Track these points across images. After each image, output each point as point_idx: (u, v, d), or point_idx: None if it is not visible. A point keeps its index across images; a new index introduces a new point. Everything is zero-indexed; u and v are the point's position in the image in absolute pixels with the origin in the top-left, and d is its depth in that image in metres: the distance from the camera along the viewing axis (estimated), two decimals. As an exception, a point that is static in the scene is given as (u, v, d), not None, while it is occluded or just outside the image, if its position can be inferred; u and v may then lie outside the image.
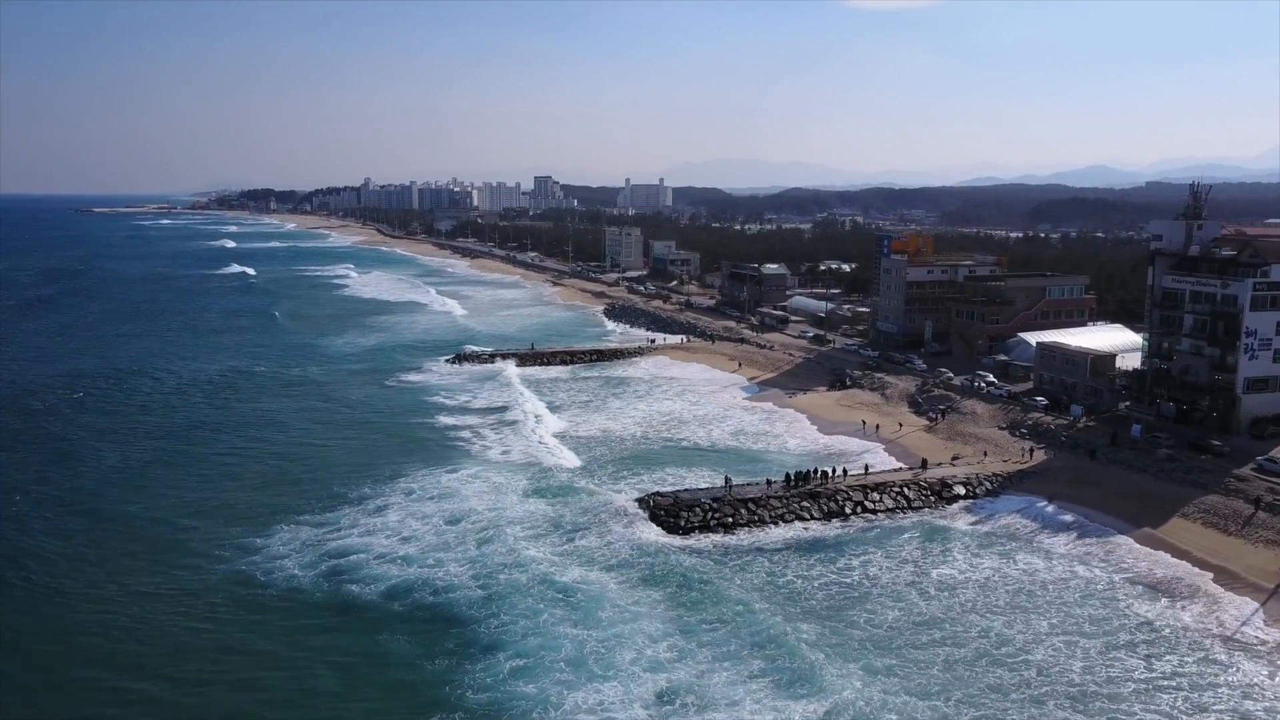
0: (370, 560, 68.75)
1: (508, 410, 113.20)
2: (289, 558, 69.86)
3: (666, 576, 66.53)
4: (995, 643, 57.87)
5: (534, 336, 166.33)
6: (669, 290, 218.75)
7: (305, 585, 65.44)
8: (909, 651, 56.60)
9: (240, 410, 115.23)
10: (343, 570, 67.34)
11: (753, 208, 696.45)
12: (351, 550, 70.73)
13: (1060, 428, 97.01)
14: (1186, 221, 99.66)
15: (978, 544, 74.01)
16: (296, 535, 74.21)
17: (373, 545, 71.50)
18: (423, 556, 69.34)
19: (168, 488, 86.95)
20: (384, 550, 70.53)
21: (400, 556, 69.27)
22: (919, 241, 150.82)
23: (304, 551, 70.91)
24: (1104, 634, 59.51)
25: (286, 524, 76.43)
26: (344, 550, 70.79)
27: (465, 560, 68.66)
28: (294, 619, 61.38)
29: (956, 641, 58.03)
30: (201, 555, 71.19)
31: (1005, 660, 55.81)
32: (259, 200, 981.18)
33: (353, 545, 71.71)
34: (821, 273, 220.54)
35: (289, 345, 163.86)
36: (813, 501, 79.28)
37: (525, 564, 67.64)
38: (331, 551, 70.71)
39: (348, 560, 68.95)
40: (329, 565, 68.14)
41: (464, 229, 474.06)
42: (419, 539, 72.68)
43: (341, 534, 74.26)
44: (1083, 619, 61.67)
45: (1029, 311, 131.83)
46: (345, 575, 66.55)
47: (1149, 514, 76.91)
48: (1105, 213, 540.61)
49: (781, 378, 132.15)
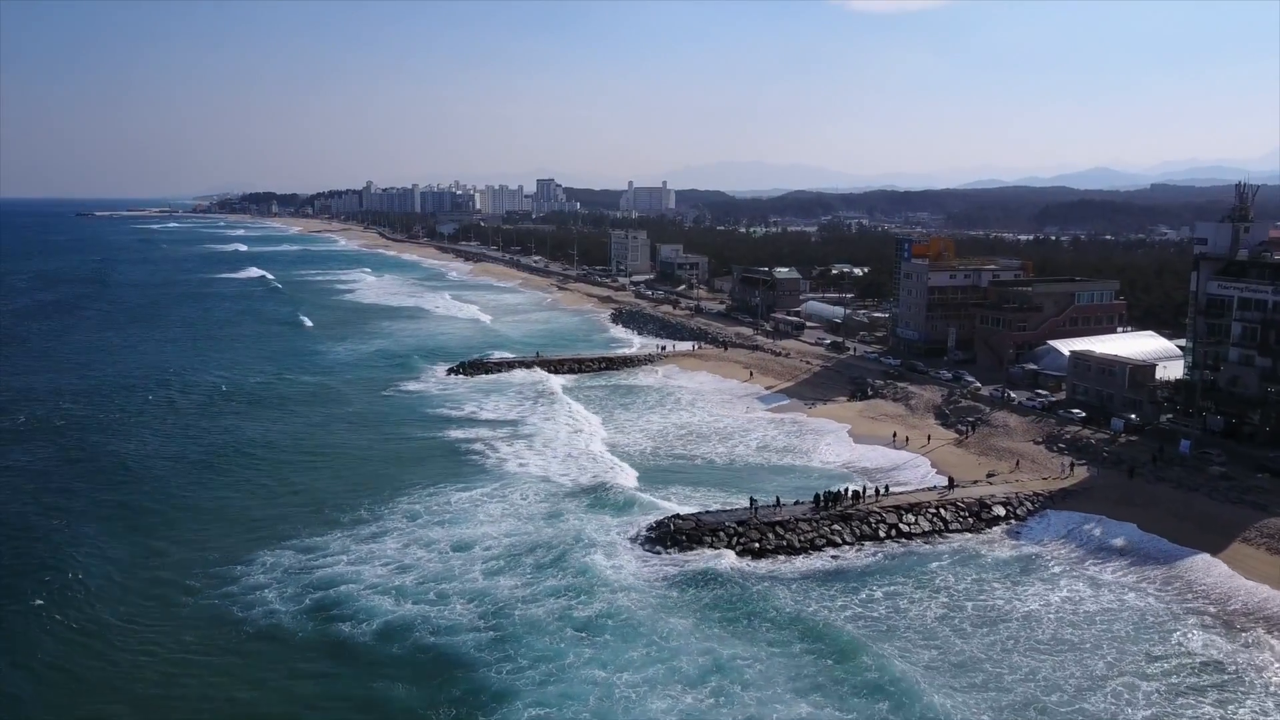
0: (360, 592, 62.91)
1: (519, 424, 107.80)
2: (269, 588, 64.04)
3: (694, 608, 61.14)
4: (1044, 687, 52.30)
5: (540, 343, 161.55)
6: (677, 295, 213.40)
7: (288, 622, 59.55)
8: (944, 699, 50.72)
9: (237, 424, 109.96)
10: (332, 604, 61.49)
11: (756, 210, 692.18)
12: (341, 580, 64.92)
13: (1101, 442, 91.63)
14: (1233, 224, 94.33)
15: (1020, 571, 68.63)
16: (279, 562, 68.28)
17: (364, 575, 65.48)
18: (421, 589, 63.57)
19: (148, 505, 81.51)
20: (377, 580, 64.68)
21: (394, 588, 63.56)
22: (940, 245, 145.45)
23: (286, 581, 65.06)
24: (1166, 675, 54.11)
25: (270, 548, 70.56)
26: (331, 580, 64.98)
27: (472, 594, 62.94)
28: (274, 663, 55.42)
29: (1000, 686, 52.47)
30: (170, 584, 65.26)
31: (1058, 710, 50.21)
32: (261, 204, 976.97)
33: (343, 574, 65.79)
34: (834, 277, 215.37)
35: (295, 351, 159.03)
36: (844, 524, 73.90)
37: (540, 597, 62.08)
38: (318, 582, 64.83)
39: (337, 592, 63.15)
40: (316, 598, 62.33)
41: (467, 232, 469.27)
42: (419, 568, 67.00)
43: (331, 561, 68.38)
44: (1141, 657, 56.28)
45: (1057, 318, 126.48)
46: (335, 610, 60.68)
47: (1206, 538, 71.44)
48: (1112, 215, 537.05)
49: (799, 387, 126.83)
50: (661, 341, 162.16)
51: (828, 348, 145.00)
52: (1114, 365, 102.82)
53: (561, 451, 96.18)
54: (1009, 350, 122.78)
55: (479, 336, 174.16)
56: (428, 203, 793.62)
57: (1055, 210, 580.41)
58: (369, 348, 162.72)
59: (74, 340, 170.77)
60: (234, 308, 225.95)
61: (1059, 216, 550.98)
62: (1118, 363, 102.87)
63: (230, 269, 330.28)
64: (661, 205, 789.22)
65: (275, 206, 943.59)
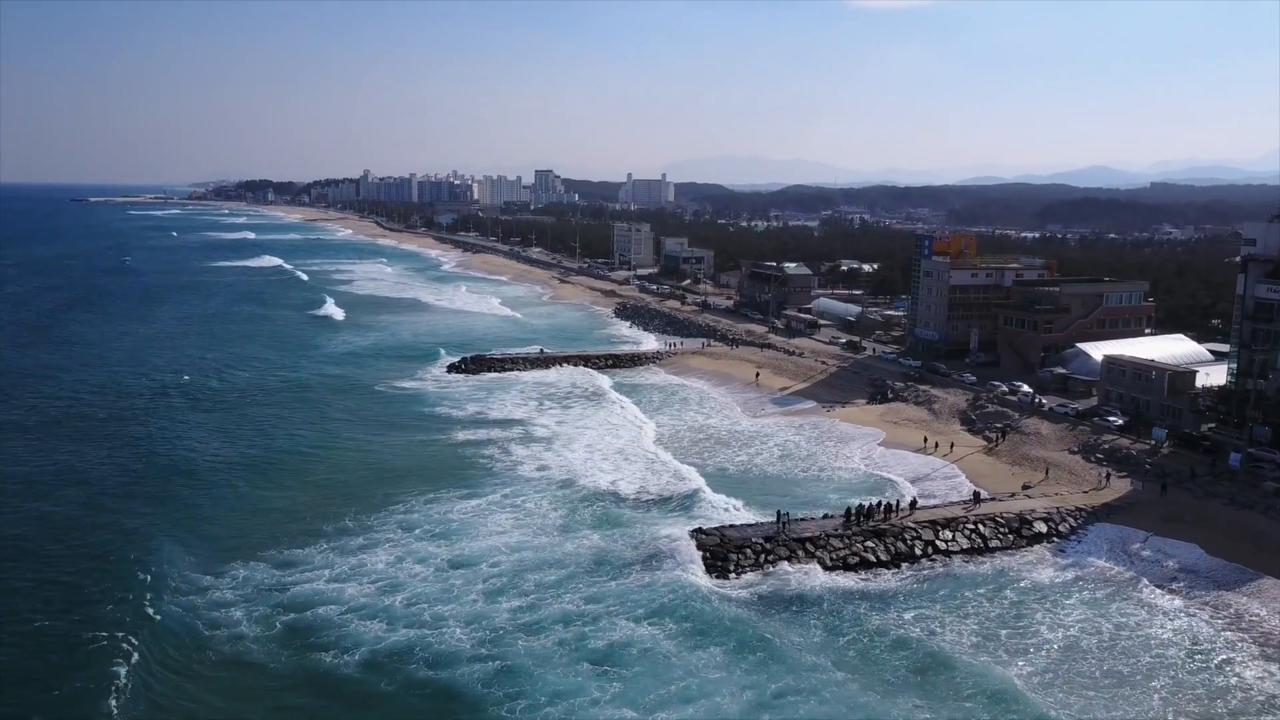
0: (342, 615, 57.07)
1: (523, 424, 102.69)
2: (237, 607, 58.31)
3: (722, 633, 55.91)
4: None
5: (543, 338, 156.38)
6: (684, 290, 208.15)
7: (258, 649, 53.57)
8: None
9: (217, 419, 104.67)
10: (311, 628, 55.69)
11: (756, 204, 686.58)
12: (321, 600, 59.21)
13: (1142, 453, 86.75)
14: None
15: (1063, 593, 63.64)
16: (251, 577, 62.54)
17: (351, 596, 59.77)
18: (413, 611, 57.95)
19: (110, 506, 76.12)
20: (365, 603, 58.87)
21: (383, 609, 57.97)
22: (962, 242, 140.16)
23: (257, 600, 59.33)
24: (1232, 715, 49.49)
25: (242, 561, 64.76)
26: (310, 600, 59.22)
27: (473, 617, 57.27)
28: (241, 697, 49.35)
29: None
30: (127, 599, 59.16)
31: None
32: (256, 191, 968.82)
33: (324, 593, 60.17)
34: (842, 273, 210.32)
35: (306, 343, 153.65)
36: (878, 541, 68.86)
37: (551, 622, 56.67)
38: (294, 602, 58.98)
39: (315, 614, 57.32)
40: (290, 620, 56.67)
41: (465, 223, 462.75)
42: (409, 587, 61.28)
43: (312, 576, 62.64)
44: (1201, 692, 51.63)
45: (1084, 320, 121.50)
46: (315, 636, 54.79)
47: (1267, 560, 66.72)
48: (1115, 213, 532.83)
49: (816, 388, 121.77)
50: (668, 338, 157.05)
51: (843, 347, 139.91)
52: (1151, 370, 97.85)
53: (575, 455, 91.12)
54: (1037, 353, 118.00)
55: (480, 330, 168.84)
56: (425, 192, 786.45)
57: (1057, 208, 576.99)
58: (364, 340, 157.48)
59: (90, 330, 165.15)
60: (265, 295, 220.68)
61: (1061, 214, 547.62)
62: (1156, 368, 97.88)
63: (244, 256, 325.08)
64: (660, 198, 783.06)
65: (271, 194, 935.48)
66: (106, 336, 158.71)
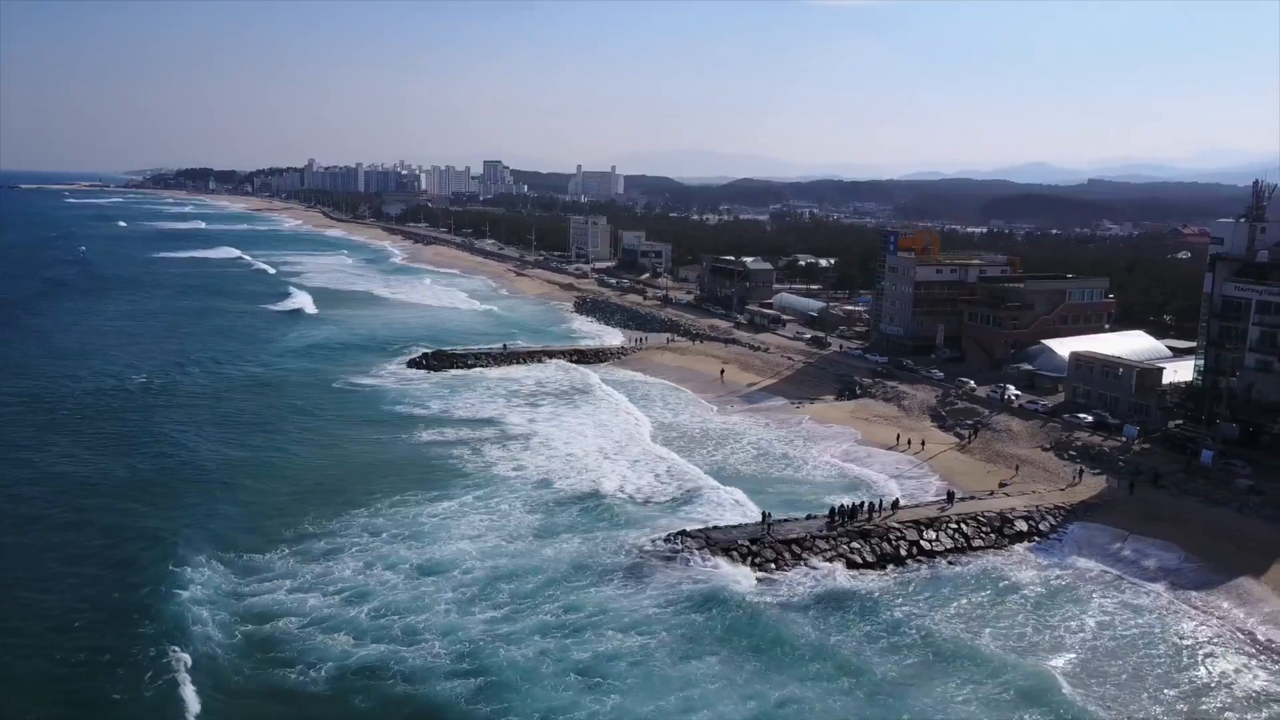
0: (304, 628, 54.33)
1: (493, 424, 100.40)
2: (193, 618, 55.06)
3: (714, 641, 54.56)
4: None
5: (504, 333, 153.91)
6: (644, 284, 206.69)
7: (215, 664, 50.46)
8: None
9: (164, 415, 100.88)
10: (272, 641, 52.93)
11: (705, 197, 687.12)
12: (283, 610, 56.45)
13: (1114, 450, 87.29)
14: (1249, 224, 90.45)
15: (1052, 594, 63.46)
16: (209, 583, 59.46)
17: (314, 606, 57.10)
18: (382, 623, 55.32)
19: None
20: (330, 613, 56.21)
21: (348, 622, 55.28)
22: (926, 238, 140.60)
23: (219, 605, 56.49)
24: (1219, 712, 50.02)
25: (196, 566, 61.51)
26: (271, 610, 56.42)
27: (448, 629, 54.70)
28: (204, 715, 46.42)
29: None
30: (60, 612, 56.03)
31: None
32: (197, 180, 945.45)
33: (285, 604, 57.41)
34: (800, 268, 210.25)
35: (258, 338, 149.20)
36: (863, 541, 68.16)
37: (531, 633, 54.27)
38: (252, 612, 56.23)
39: (277, 627, 54.52)
40: (250, 631, 53.99)
41: (415, 214, 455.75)
42: (377, 595, 58.71)
43: (272, 586, 59.89)
44: (1189, 690, 51.99)
45: (1048, 316, 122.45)
46: (276, 651, 51.93)
47: (1246, 559, 67.14)
48: (1056, 209, 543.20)
49: (784, 384, 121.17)
50: (632, 333, 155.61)
51: (808, 343, 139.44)
52: (1119, 367, 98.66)
53: (546, 455, 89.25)
54: (1003, 349, 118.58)
55: (439, 325, 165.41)
56: (372, 182, 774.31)
57: (1001, 204, 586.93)
58: (319, 335, 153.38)
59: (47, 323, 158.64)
60: (226, 288, 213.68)
61: (1004, 210, 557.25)
62: (1124, 365, 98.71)
63: (202, 246, 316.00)
64: (611, 190, 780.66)
65: (213, 183, 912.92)
66: (64, 327, 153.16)
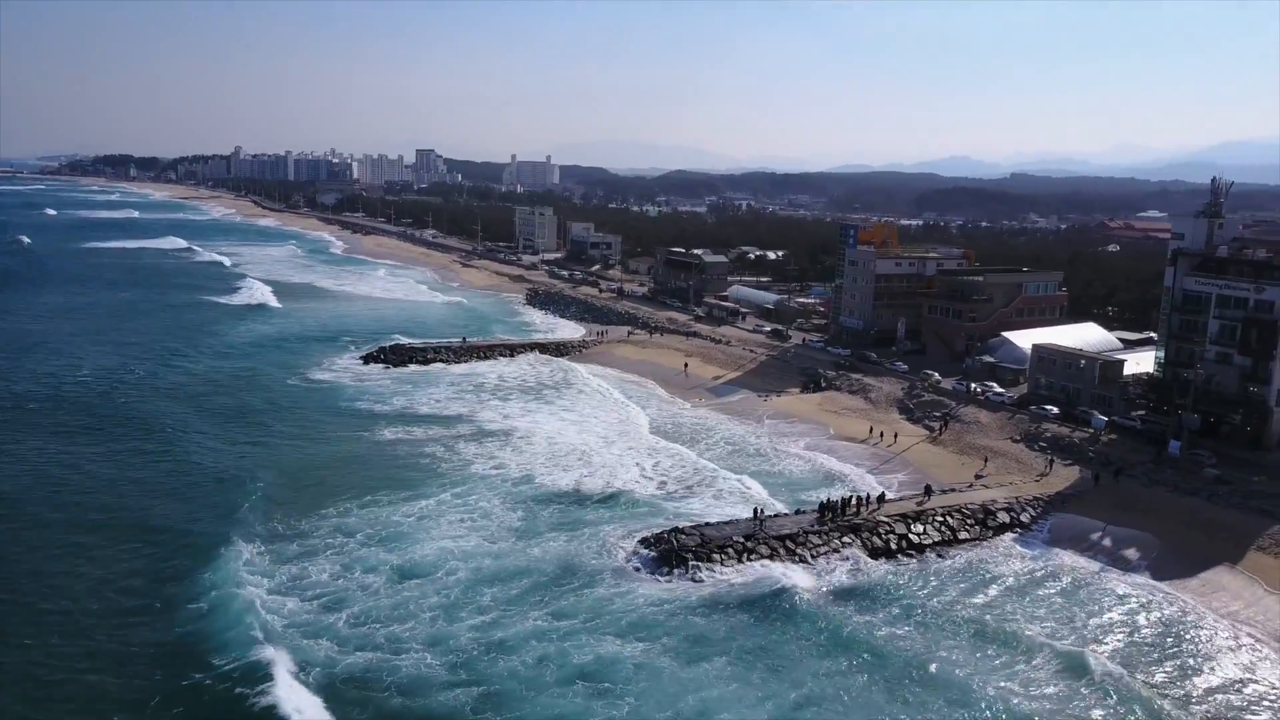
0: (285, 630, 53.02)
1: (462, 421, 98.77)
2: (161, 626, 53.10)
3: (720, 641, 54.11)
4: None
5: (458, 326, 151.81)
6: (597, 276, 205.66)
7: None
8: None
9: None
10: None
11: (640, 189, 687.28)
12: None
13: (1084, 441, 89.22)
14: (1208, 220, 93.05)
15: (1041, 586, 64.41)
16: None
17: (295, 613, 55.47)
18: (362, 631, 53.82)
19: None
20: (308, 620, 54.64)
21: (327, 628, 53.86)
22: (884, 232, 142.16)
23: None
24: (1209, 694, 51.29)
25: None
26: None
27: (435, 638, 52.94)
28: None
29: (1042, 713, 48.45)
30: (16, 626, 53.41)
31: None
32: (117, 167, 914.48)
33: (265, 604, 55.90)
34: (750, 261, 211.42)
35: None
36: (854, 536, 68.55)
37: (526, 638, 52.94)
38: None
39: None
40: None
41: (352, 204, 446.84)
42: (356, 601, 57.22)
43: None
44: (1179, 677, 53.11)
45: (1005, 309, 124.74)
46: None
47: (1220, 547, 69.05)
48: (984, 202, 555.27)
49: (748, 377, 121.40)
50: (590, 326, 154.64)
51: (769, 335, 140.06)
52: (1081, 359, 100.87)
53: (527, 452, 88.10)
54: (963, 341, 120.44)
55: (389, 319, 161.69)
56: (302, 171, 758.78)
57: (931, 196, 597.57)
58: (267, 329, 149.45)
59: None
60: (181, 280, 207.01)
61: (935, 202, 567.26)
62: (1086, 357, 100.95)
63: (141, 236, 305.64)
64: (546, 180, 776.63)
65: (134, 170, 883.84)
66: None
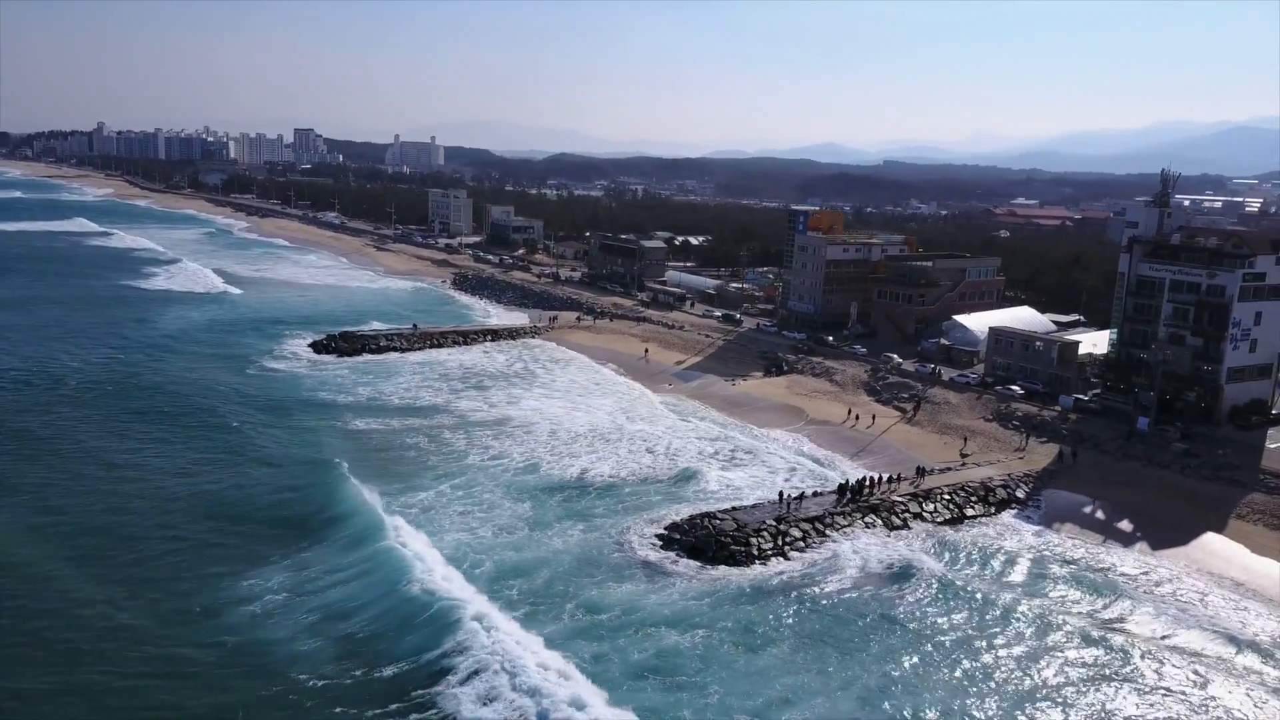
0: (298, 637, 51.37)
1: (442, 410, 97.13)
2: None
3: (778, 628, 55.02)
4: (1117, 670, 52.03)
5: (395, 314, 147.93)
6: (528, 261, 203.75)
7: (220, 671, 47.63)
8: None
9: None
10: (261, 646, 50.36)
11: (527, 171, 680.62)
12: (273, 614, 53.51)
13: (1055, 419, 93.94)
14: (1159, 209, 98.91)
15: (1049, 558, 67.47)
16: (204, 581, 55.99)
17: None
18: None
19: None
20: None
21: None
22: (830, 219, 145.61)
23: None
24: (1221, 661, 54.59)
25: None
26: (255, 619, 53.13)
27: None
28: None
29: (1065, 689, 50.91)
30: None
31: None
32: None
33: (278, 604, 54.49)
34: (676, 246, 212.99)
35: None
36: (875, 516, 70.83)
37: (564, 638, 52.08)
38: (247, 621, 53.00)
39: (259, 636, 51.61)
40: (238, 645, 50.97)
41: (239, 184, 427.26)
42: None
43: (256, 592, 56.49)
44: (1199, 640, 56.70)
45: (951, 293, 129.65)
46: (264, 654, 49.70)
47: (1204, 516, 74.13)
48: (866, 188, 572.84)
49: (709, 362, 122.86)
50: (535, 312, 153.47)
51: (721, 320, 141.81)
52: (1038, 341, 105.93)
53: (520, 440, 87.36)
54: (913, 324, 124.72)
55: (324, 305, 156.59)
56: (174, 149, 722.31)
57: (817, 182, 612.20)
58: (201, 316, 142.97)
59: None
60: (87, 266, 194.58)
61: (820, 188, 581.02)
62: (1043, 339, 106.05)
63: (49, 219, 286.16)
64: (430, 161, 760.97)
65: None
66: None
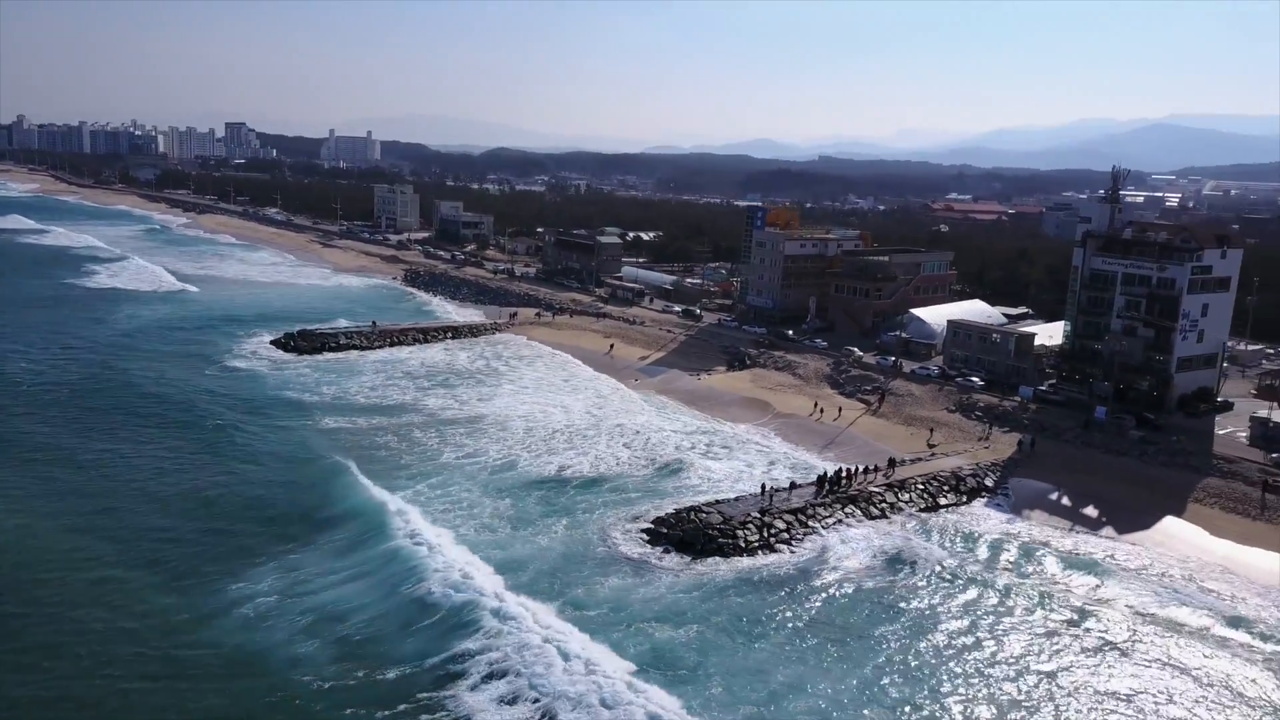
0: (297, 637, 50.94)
1: (409, 409, 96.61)
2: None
3: (767, 623, 55.86)
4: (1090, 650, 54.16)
5: (348, 311, 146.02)
6: (478, 256, 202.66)
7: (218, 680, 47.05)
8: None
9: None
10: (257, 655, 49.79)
11: (465, 166, 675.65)
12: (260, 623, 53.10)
13: (1016, 410, 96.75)
14: (1110, 204, 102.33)
15: (1025, 544, 69.65)
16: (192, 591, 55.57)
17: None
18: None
19: None
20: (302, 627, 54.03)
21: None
22: (787, 215, 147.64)
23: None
24: (1194, 636, 57.11)
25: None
26: (245, 627, 53.00)
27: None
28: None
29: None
30: None
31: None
32: None
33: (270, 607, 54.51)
34: (628, 242, 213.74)
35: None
36: (854, 506, 72.48)
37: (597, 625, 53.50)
38: (226, 637, 51.84)
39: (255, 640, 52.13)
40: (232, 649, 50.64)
41: (172, 179, 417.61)
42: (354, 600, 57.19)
43: (246, 594, 55.87)
44: (1157, 612, 59.34)
45: (906, 287, 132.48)
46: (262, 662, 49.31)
47: (1164, 501, 77.06)
48: (805, 183, 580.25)
49: (672, 357, 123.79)
50: (493, 309, 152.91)
51: (681, 315, 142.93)
52: (996, 334, 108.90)
53: (493, 438, 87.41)
54: (870, 318, 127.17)
55: (274, 303, 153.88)
56: (100, 143, 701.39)
57: (758, 178, 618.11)
58: (152, 314, 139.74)
59: None
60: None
61: (760, 184, 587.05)
62: (1000, 332, 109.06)
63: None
64: (368, 156, 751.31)
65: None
66: None
